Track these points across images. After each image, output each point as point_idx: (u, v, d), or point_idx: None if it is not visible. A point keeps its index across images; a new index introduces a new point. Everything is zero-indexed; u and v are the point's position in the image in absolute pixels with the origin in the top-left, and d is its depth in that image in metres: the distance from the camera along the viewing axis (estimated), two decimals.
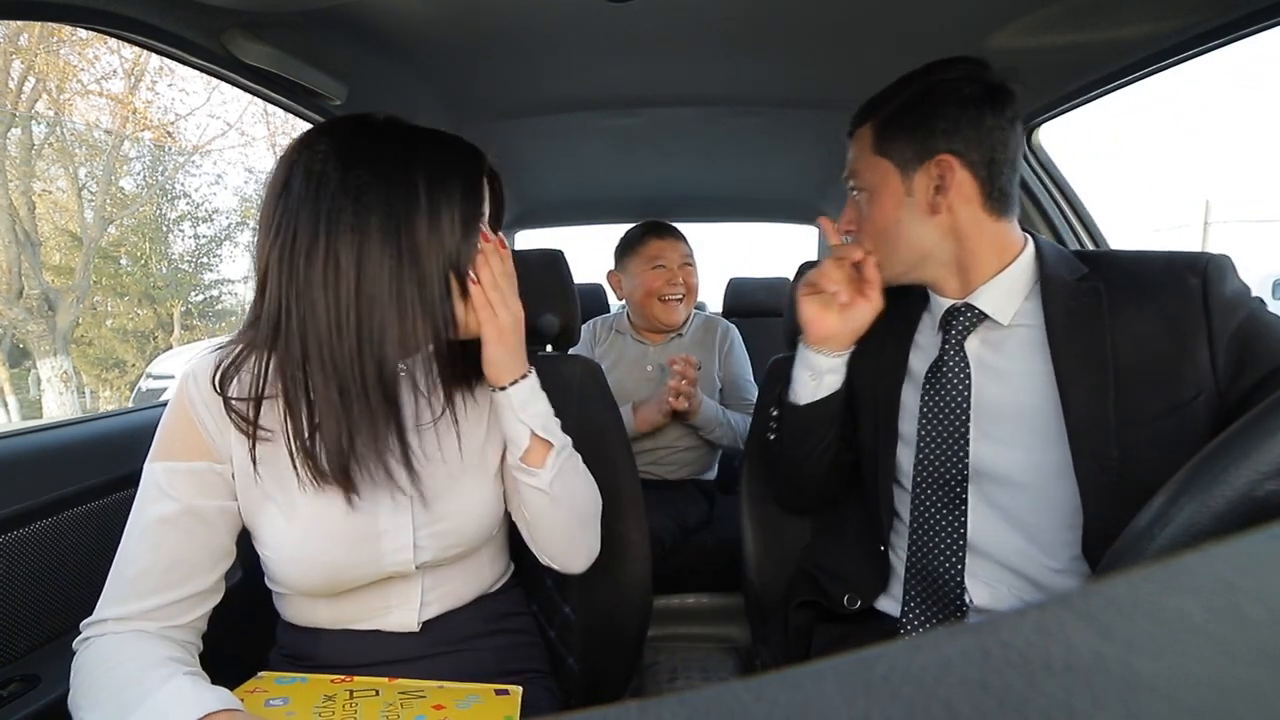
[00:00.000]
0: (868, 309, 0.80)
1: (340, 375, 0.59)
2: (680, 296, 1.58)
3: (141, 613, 0.58)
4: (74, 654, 0.58)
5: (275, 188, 0.60)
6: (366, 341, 0.59)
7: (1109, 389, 0.66)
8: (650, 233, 1.61)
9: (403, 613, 0.70)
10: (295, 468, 0.62)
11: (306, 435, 0.61)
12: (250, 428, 0.62)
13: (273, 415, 0.63)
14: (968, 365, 0.75)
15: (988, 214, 0.72)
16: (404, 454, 0.63)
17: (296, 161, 0.60)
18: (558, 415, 0.71)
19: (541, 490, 0.69)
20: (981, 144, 0.70)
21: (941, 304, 0.77)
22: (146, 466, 0.62)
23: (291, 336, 0.59)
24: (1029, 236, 0.76)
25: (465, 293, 0.63)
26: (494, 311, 0.64)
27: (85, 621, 0.59)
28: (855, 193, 0.79)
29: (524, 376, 0.68)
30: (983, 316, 0.74)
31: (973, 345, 0.75)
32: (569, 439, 0.73)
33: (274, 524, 0.63)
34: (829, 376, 0.84)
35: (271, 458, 0.63)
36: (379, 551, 0.66)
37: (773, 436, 0.91)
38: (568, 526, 0.72)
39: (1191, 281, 0.66)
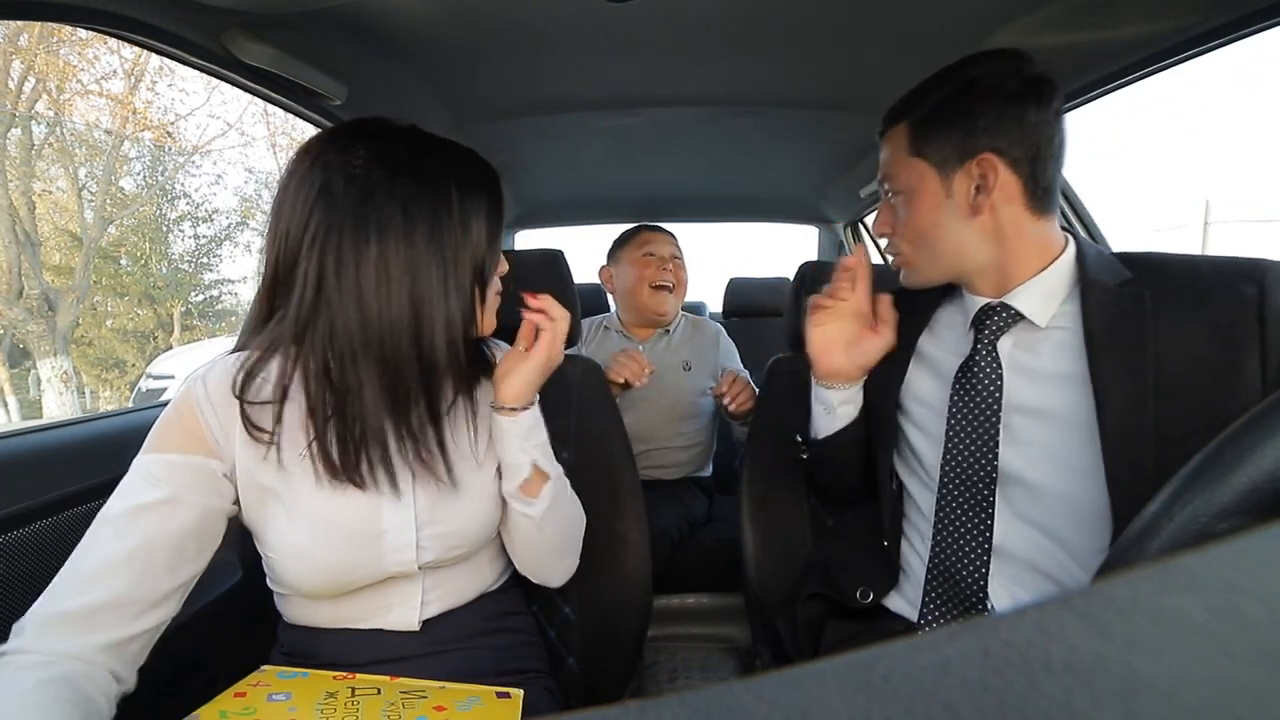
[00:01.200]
0: (877, 345, 0.79)
1: (391, 372, 0.62)
2: (670, 286, 1.60)
3: (85, 610, 0.52)
4: None
5: (311, 190, 0.60)
6: (414, 343, 0.62)
7: (1149, 398, 0.62)
8: (644, 228, 1.67)
9: (403, 611, 0.70)
10: (314, 465, 0.63)
11: (324, 432, 0.62)
12: (271, 430, 0.62)
13: (286, 415, 0.64)
14: (999, 366, 0.71)
15: (1030, 213, 0.68)
16: (440, 444, 0.67)
17: (333, 164, 0.60)
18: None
19: (532, 519, 0.72)
20: (1025, 140, 0.66)
21: (975, 302, 0.74)
22: (135, 460, 0.60)
23: (332, 334, 0.60)
24: (1069, 236, 0.72)
25: (484, 298, 0.68)
26: (546, 351, 0.71)
27: (16, 624, 0.52)
28: (890, 195, 0.76)
29: (530, 405, 0.72)
30: (1018, 317, 0.70)
31: (1005, 346, 0.72)
32: (561, 468, 0.76)
33: (278, 523, 0.64)
34: (842, 409, 0.83)
35: (279, 457, 0.64)
36: (381, 551, 0.66)
37: (805, 457, 0.91)
38: (550, 549, 0.76)
39: (1247, 290, 0.61)
